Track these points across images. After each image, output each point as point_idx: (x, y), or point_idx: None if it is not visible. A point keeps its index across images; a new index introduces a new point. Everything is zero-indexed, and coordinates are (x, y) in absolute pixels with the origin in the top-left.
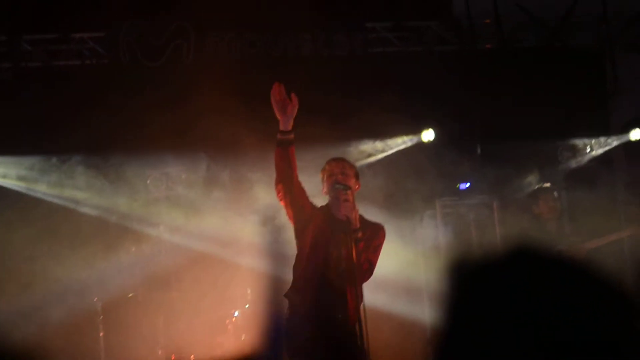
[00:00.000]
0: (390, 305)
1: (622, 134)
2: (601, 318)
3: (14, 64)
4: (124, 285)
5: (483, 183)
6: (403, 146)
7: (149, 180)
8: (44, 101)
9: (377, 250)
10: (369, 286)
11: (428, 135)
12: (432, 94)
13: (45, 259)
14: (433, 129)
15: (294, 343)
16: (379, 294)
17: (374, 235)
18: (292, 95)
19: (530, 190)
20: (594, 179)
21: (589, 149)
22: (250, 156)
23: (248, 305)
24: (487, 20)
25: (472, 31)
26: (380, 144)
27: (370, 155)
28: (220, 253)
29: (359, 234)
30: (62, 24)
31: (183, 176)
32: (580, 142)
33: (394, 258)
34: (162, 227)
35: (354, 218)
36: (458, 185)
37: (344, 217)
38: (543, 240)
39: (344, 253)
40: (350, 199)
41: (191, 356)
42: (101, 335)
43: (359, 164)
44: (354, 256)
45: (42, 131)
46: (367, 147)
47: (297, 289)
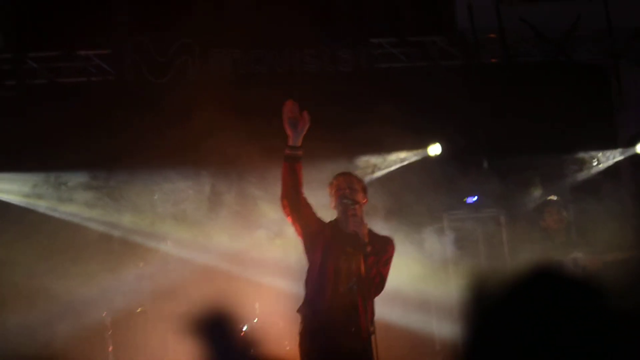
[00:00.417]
0: (399, 319)
1: (629, 147)
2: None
3: (20, 82)
4: (132, 300)
5: (490, 197)
6: (410, 160)
7: (155, 196)
8: (49, 118)
9: (388, 263)
10: (377, 299)
11: (434, 149)
12: (438, 108)
13: (53, 274)
14: (439, 143)
15: (307, 357)
16: (387, 308)
17: (384, 248)
18: (304, 112)
19: (537, 203)
20: (601, 191)
21: (595, 162)
22: (256, 172)
23: (256, 319)
24: (492, 35)
25: (477, 46)
26: (387, 159)
27: (377, 169)
28: (228, 267)
29: (368, 248)
30: (67, 41)
31: (190, 192)
32: (587, 156)
33: (401, 272)
34: (170, 242)
35: (363, 232)
36: (465, 199)
37: (352, 232)
38: (551, 253)
39: (355, 267)
40: (359, 213)
41: None
42: (110, 350)
43: (366, 178)
44: (363, 270)
45: (47, 148)
46: (374, 162)
47: (309, 303)
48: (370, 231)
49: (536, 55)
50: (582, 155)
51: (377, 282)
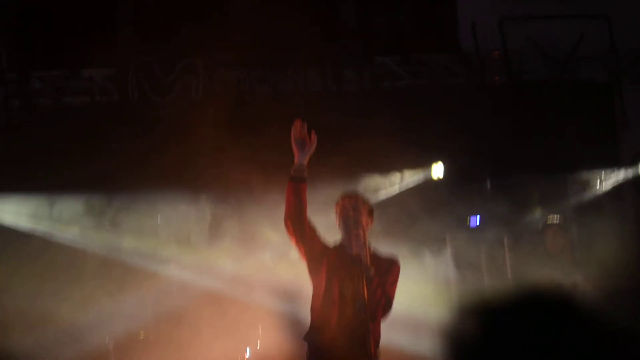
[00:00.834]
0: (401, 341)
1: (632, 167)
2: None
3: (24, 101)
4: (135, 325)
5: (493, 218)
6: (413, 181)
7: (158, 219)
8: (54, 138)
9: (394, 284)
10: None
11: (438, 169)
12: (442, 127)
13: (55, 299)
14: (443, 163)
15: None
16: (389, 330)
17: (388, 270)
18: (312, 133)
19: (540, 224)
20: (605, 211)
21: (599, 182)
22: (260, 193)
23: (259, 344)
24: (496, 53)
25: (481, 64)
26: (390, 179)
27: (380, 190)
28: (231, 291)
29: (372, 271)
30: (72, 60)
31: (193, 214)
32: (591, 175)
33: (404, 293)
34: (173, 266)
35: (365, 255)
36: (468, 220)
37: (355, 255)
38: (554, 274)
39: (361, 289)
40: (362, 235)
41: None
42: None
43: (370, 199)
44: (366, 293)
45: (51, 169)
46: (377, 182)
47: (316, 328)
48: (374, 253)
49: (540, 74)
50: (586, 174)
51: (384, 304)
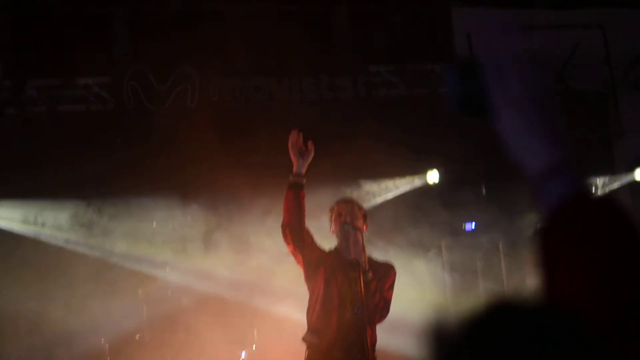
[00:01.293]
0: (397, 346)
1: (627, 173)
2: None
3: (19, 109)
4: (131, 327)
5: (488, 223)
6: (408, 187)
7: (154, 223)
8: (48, 146)
9: (391, 288)
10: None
11: (433, 176)
12: (437, 135)
13: (51, 302)
14: (438, 170)
15: None
16: (385, 334)
17: (385, 275)
18: (309, 143)
19: (533, 229)
20: None
21: (594, 189)
22: (257, 199)
23: (255, 346)
24: None
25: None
26: (385, 186)
27: (375, 196)
28: (226, 294)
29: (370, 275)
30: (67, 69)
31: (188, 219)
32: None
33: (399, 298)
34: (169, 269)
35: (364, 260)
36: (463, 225)
37: (353, 259)
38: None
39: (359, 292)
40: (360, 240)
41: None
42: None
43: (365, 205)
44: (364, 296)
45: (46, 176)
46: (372, 189)
47: (314, 331)
48: (371, 258)
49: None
50: None
51: (381, 308)
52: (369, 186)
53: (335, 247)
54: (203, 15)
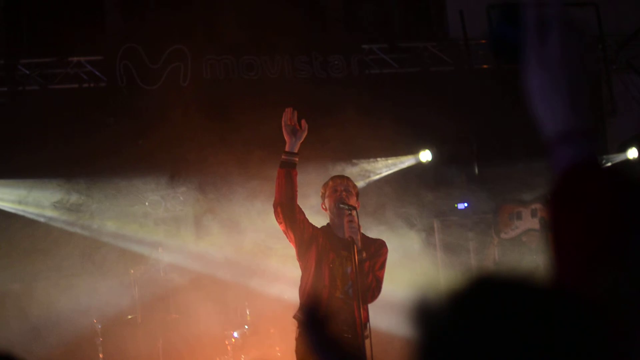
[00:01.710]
0: (388, 324)
1: (619, 153)
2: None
3: (11, 88)
4: (123, 307)
5: (480, 202)
6: (401, 166)
7: (147, 202)
8: (41, 125)
9: (383, 266)
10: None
11: (425, 155)
12: (429, 114)
13: (42, 281)
14: (430, 150)
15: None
16: (376, 313)
17: (378, 252)
18: (303, 121)
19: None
20: None
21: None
22: (248, 178)
23: (247, 326)
24: (483, 41)
25: (468, 51)
26: (378, 164)
27: (367, 175)
28: (219, 274)
29: (364, 254)
30: (60, 47)
31: (181, 198)
32: None
33: (391, 277)
34: (161, 249)
35: (359, 238)
36: (456, 204)
37: (348, 238)
38: (537, 257)
39: (350, 271)
40: (355, 219)
41: None
42: (101, 357)
43: (357, 184)
44: (356, 275)
45: (39, 154)
46: (364, 168)
47: (305, 309)
48: (364, 236)
49: None
50: None
51: (374, 287)
52: (361, 165)
53: (328, 224)
54: None
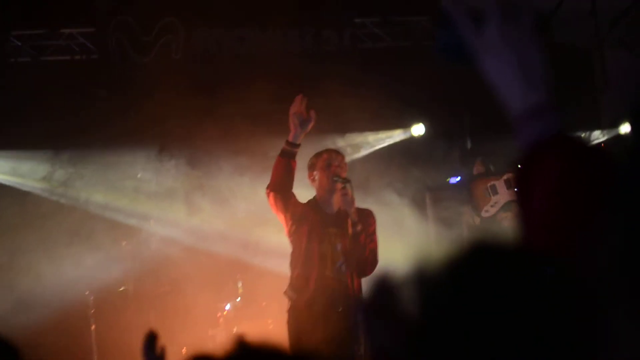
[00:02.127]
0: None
1: (612, 128)
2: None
3: (2, 60)
4: (115, 279)
5: (473, 177)
6: (393, 140)
7: (139, 175)
8: (33, 97)
9: (374, 237)
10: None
11: (418, 129)
12: (422, 88)
13: (32, 253)
14: (423, 123)
15: (295, 336)
16: (367, 286)
17: (367, 222)
18: (312, 111)
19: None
20: None
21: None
22: (240, 151)
23: (239, 299)
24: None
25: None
26: (370, 138)
27: (359, 149)
28: (211, 247)
29: (359, 227)
30: (51, 19)
31: (172, 171)
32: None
33: (383, 251)
34: (153, 222)
35: (353, 211)
36: (448, 179)
37: (342, 211)
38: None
39: (341, 247)
40: (350, 192)
41: (182, 349)
42: (93, 328)
43: (349, 158)
44: (356, 248)
45: (30, 126)
46: (357, 141)
47: (295, 287)
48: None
49: None
50: None
51: (372, 260)
52: (353, 138)
53: (314, 198)
54: None
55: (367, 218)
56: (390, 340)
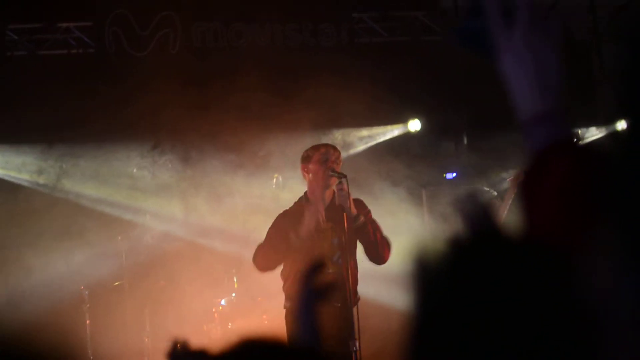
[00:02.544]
0: (375, 294)
1: (610, 124)
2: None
3: (0, 53)
4: (110, 273)
5: (470, 173)
6: (389, 136)
7: (135, 169)
8: (29, 90)
9: (375, 221)
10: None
11: (414, 125)
12: (419, 83)
13: (28, 247)
14: (419, 119)
15: (292, 334)
16: (363, 283)
17: (365, 211)
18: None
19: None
20: None
21: (573, 132)
22: (235, 145)
23: (235, 294)
24: None
25: (459, 21)
26: (367, 134)
27: (356, 144)
28: (206, 241)
29: (361, 219)
30: (48, 13)
31: (170, 164)
32: None
33: None
34: (149, 216)
35: (349, 206)
36: (444, 174)
37: (335, 205)
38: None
39: (338, 241)
40: (346, 187)
41: (177, 345)
42: (87, 323)
43: (345, 153)
44: (363, 237)
45: (27, 120)
46: (353, 137)
47: (292, 282)
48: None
49: None
50: None
51: (385, 242)
52: (349, 133)
53: (305, 195)
54: None
55: (363, 207)
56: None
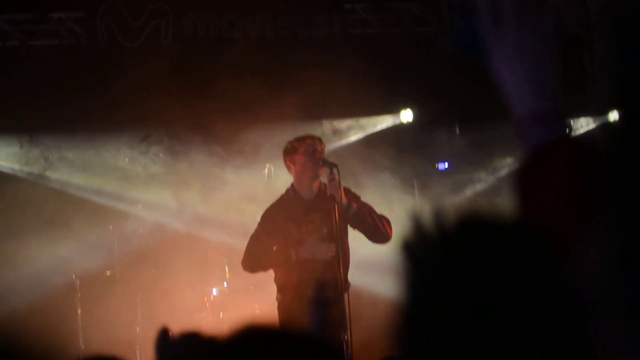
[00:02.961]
0: (367, 284)
1: (601, 116)
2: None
3: None
4: (102, 263)
5: (461, 163)
6: (381, 126)
7: (127, 159)
8: (21, 81)
9: (367, 203)
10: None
11: (406, 115)
12: (411, 74)
13: (19, 236)
14: (411, 110)
15: (285, 323)
16: (355, 273)
17: (355, 196)
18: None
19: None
20: None
21: (568, 130)
22: (225, 136)
23: (226, 283)
24: None
25: (451, 12)
26: (358, 124)
27: (348, 135)
28: (198, 231)
29: (354, 206)
30: (40, 3)
31: (161, 155)
32: None
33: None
34: (141, 205)
35: (340, 195)
36: (436, 165)
37: (323, 193)
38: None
39: (327, 230)
40: (337, 177)
41: (166, 332)
42: (79, 312)
43: (337, 144)
44: (360, 224)
45: (19, 110)
46: (345, 127)
47: (283, 273)
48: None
49: None
50: None
51: (383, 220)
52: (341, 124)
53: (292, 187)
54: None
55: (351, 194)
56: None
